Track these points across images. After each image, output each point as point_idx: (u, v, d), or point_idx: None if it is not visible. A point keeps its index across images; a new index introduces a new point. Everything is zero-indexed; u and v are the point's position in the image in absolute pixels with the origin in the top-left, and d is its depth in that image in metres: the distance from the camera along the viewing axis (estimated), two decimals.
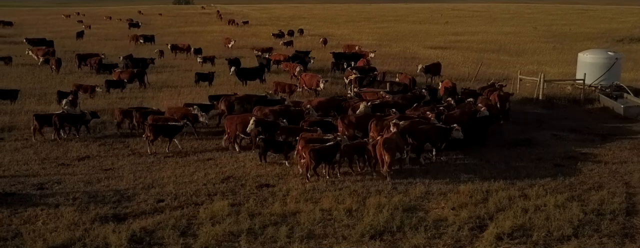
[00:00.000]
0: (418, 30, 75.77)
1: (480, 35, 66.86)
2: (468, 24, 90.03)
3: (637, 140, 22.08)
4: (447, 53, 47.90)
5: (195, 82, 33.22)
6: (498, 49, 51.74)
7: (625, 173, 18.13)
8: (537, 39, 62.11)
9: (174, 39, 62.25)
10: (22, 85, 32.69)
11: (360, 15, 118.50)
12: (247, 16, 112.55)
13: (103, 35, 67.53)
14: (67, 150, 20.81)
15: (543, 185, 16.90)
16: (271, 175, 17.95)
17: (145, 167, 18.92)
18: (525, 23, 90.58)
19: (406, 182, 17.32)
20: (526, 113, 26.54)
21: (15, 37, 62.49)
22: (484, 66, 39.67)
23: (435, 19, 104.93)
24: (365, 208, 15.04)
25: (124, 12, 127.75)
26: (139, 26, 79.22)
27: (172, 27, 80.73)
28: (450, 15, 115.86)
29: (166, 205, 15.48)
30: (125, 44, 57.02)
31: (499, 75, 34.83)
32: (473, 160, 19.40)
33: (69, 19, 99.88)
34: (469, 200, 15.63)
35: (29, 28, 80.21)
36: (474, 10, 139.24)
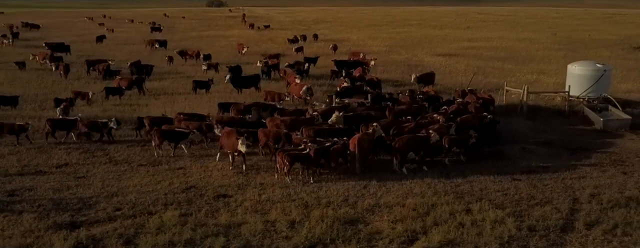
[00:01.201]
0: (435, 35, 76.02)
1: (495, 41, 66.85)
2: (489, 29, 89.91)
3: (605, 154, 22.31)
4: (452, 61, 48.15)
5: (193, 90, 34.11)
6: (506, 57, 51.77)
7: (579, 188, 18.43)
8: (551, 46, 61.93)
9: (191, 43, 63.70)
10: (27, 91, 34.06)
11: (383, 19, 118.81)
12: (271, 20, 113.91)
13: (123, 40, 68.92)
14: (49, 157, 21.80)
15: (491, 200, 17.32)
16: (233, 185, 18.66)
17: (116, 175, 19.78)
18: (546, 29, 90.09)
19: (359, 194, 17.90)
20: (507, 124, 26.78)
21: (40, 41, 64.03)
22: (484, 75, 40.07)
23: (459, 23, 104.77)
24: (308, 220, 15.65)
25: (151, 14, 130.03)
26: (161, 30, 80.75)
27: (193, 31, 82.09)
28: (474, 20, 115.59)
29: (122, 213, 16.28)
30: (141, 48, 58.33)
31: (493, 85, 35.05)
32: (432, 173, 19.84)
33: (92, 21, 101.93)
34: (412, 214, 16.14)
35: (54, 31, 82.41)
36: (500, 14, 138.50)
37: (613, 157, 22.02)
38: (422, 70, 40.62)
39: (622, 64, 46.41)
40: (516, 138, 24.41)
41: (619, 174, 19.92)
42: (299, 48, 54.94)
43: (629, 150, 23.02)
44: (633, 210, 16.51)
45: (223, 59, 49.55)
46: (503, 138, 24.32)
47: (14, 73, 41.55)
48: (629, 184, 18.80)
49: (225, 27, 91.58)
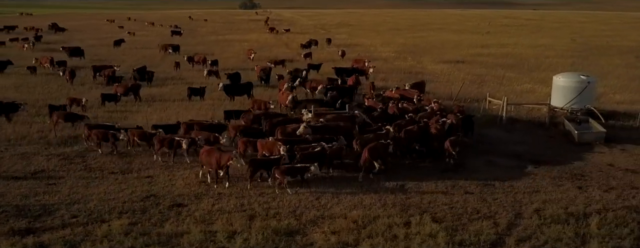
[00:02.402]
0: (451, 40, 76.11)
1: (508, 47, 66.77)
2: (509, 34, 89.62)
3: (568, 168, 22.55)
4: (454, 68, 48.34)
5: (188, 97, 35.02)
6: (512, 64, 51.81)
7: (527, 203, 18.78)
8: (564, 53, 61.67)
9: (206, 47, 64.99)
10: (29, 96, 35.32)
11: (406, 22, 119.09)
12: (295, 23, 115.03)
13: (142, 43, 70.30)
14: (29, 164, 22.81)
15: (434, 213, 17.81)
16: (191, 195, 19.41)
17: (86, 182, 20.67)
18: (568, 34, 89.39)
19: (310, 205, 18.52)
20: (483, 136, 27.14)
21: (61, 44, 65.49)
22: (479, 84, 40.32)
23: (480, 28, 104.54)
24: (249, 231, 16.33)
25: (176, 16, 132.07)
26: (181, 34, 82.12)
27: (213, 35, 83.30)
28: (498, 24, 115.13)
29: (76, 221, 17.14)
30: (155, 53, 59.56)
31: (476, 95, 35.23)
32: (387, 185, 20.33)
33: (114, 24, 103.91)
34: (351, 226, 16.71)
35: (78, 34, 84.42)
36: (526, 18, 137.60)
37: (575, 171, 22.25)
38: (418, 78, 41.18)
39: (627, 73, 46.28)
40: (485, 150, 24.75)
41: (574, 189, 20.19)
42: (307, 54, 55.57)
43: (594, 164, 23.23)
44: (570, 226, 16.85)
45: (232, 64, 50.58)
46: (472, 150, 24.63)
47: (24, 77, 43.01)
48: (578, 199, 19.08)
49: (246, 31, 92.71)
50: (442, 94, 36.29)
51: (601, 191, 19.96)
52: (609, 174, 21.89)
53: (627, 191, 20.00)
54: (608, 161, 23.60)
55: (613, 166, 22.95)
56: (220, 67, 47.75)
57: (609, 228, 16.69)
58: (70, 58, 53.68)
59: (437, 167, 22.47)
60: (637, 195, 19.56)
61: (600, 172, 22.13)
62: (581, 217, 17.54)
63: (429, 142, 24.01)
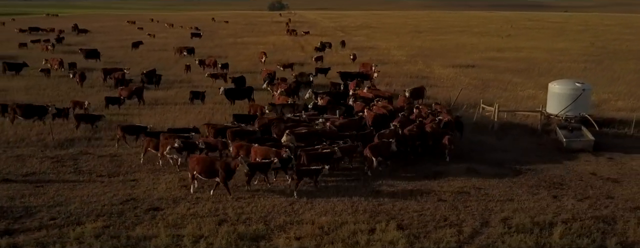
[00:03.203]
0: (468, 43, 76.04)
1: (524, 51, 66.56)
2: (529, 37, 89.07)
3: (548, 176, 22.67)
4: (462, 73, 48.38)
5: (190, 100, 35.69)
6: (523, 69, 51.67)
7: (498, 211, 18.99)
8: (579, 58, 61.26)
9: (223, 50, 65.97)
10: (38, 99, 36.27)
11: (428, 25, 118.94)
12: (316, 25, 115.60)
13: (160, 45, 71.29)
14: (22, 166, 23.58)
15: (402, 220, 18.13)
16: (169, 199, 19.95)
17: (72, 185, 21.36)
18: (590, 37, 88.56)
19: (283, 210, 18.96)
20: (472, 142, 27.32)
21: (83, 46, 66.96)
22: (482, 89, 40.40)
23: (502, 30, 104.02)
24: (216, 236, 16.83)
25: (201, 18, 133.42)
26: (201, 36, 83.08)
27: (231, 38, 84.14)
28: (520, 27, 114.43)
29: (54, 223, 17.77)
30: (171, 55, 60.50)
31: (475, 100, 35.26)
32: (361, 191, 20.67)
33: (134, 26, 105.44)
34: (316, 232, 17.11)
35: (100, 36, 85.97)
36: (551, 21, 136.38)
37: (555, 179, 22.36)
38: (424, 83, 41.49)
39: (637, 80, 45.82)
40: (469, 157, 24.94)
41: (548, 198, 20.34)
42: (318, 57, 56.00)
43: (576, 172, 23.30)
44: (533, 235, 17.05)
45: (244, 67, 51.30)
46: (456, 156, 24.86)
47: (37, 79, 44.10)
48: (549, 209, 19.24)
49: (266, 33, 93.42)
50: (441, 99, 36.48)
51: (575, 200, 20.07)
52: (589, 183, 21.95)
53: (601, 201, 20.08)
54: (591, 170, 23.64)
55: (595, 175, 23.00)
56: (230, 70, 48.49)
57: (571, 238, 16.85)
58: (86, 60, 54.90)
59: (419, 173, 22.74)
60: (610, 205, 19.63)
61: (580, 181, 22.19)
62: (546, 226, 17.71)
63: (425, 140, 25.26)
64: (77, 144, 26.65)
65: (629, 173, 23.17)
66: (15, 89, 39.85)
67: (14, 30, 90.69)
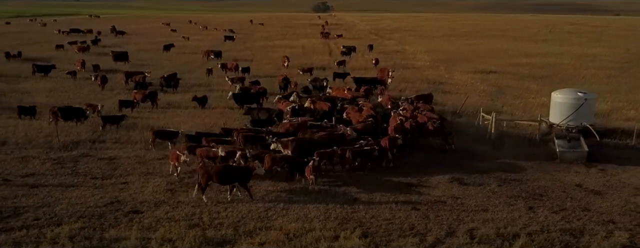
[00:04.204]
0: (498, 48, 75.57)
1: (553, 57, 65.84)
2: (565, 42, 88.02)
3: (531, 187, 22.67)
4: (480, 79, 48.22)
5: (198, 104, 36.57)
6: (545, 76, 51.21)
7: (468, 221, 19.18)
8: (608, 64, 60.34)
9: (251, 53, 66.95)
10: (58, 101, 37.63)
11: (465, 28, 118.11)
12: (352, 28, 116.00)
13: (192, 48, 72.58)
14: (24, 167, 24.69)
15: (369, 228, 18.52)
16: (152, 202, 20.70)
17: (65, 187, 22.28)
18: (627, 43, 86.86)
19: (256, 216, 19.52)
20: (465, 151, 27.45)
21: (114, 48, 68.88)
22: (496, 96, 40.33)
23: (539, 35, 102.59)
24: (183, 240, 17.50)
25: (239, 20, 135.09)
26: (234, 39, 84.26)
27: (263, 41, 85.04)
28: (559, 31, 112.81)
29: (36, 223, 18.67)
30: (198, 58, 61.71)
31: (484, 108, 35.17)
32: (339, 199, 21.09)
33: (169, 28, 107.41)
34: (281, 238, 17.60)
35: (136, 38, 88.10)
36: (592, 25, 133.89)
37: (538, 190, 22.39)
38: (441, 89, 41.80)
39: None
40: (457, 167, 25.08)
41: (524, 209, 20.43)
42: (340, 62, 56.45)
43: (562, 183, 23.28)
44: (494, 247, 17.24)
45: (266, 71, 52.13)
46: (443, 164, 25.12)
47: (63, 81, 45.65)
48: (520, 220, 19.37)
49: (299, 36, 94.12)
50: (450, 106, 36.62)
51: (549, 212, 20.12)
52: (570, 195, 21.94)
53: (576, 213, 20.09)
54: (578, 181, 23.58)
55: (580, 186, 22.95)
56: (252, 74, 49.39)
57: None
58: (115, 62, 56.50)
59: (402, 182, 23.08)
60: (584, 218, 19.65)
61: (562, 193, 22.18)
62: (510, 238, 17.86)
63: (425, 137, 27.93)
64: (81, 146, 27.72)
65: (615, 186, 23.03)
66: (39, 91, 41.40)
67: (54, 31, 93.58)
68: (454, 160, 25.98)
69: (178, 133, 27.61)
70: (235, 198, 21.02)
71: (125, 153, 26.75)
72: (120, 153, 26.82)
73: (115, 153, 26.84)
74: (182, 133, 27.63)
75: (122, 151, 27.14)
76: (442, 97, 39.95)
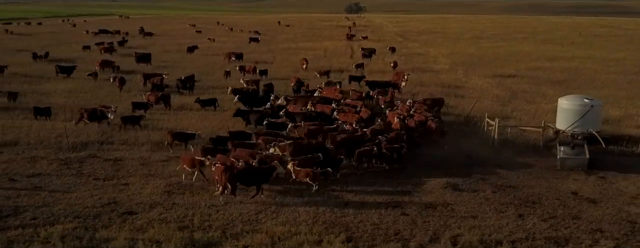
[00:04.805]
0: (522, 51, 75.01)
1: (576, 61, 65.13)
2: (592, 45, 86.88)
3: (525, 194, 22.65)
4: (496, 84, 47.98)
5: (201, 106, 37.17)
6: (564, 80, 50.74)
7: (453, 228, 19.32)
8: (631, 69, 59.51)
9: (272, 56, 67.08)
10: (76, 101, 38.62)
11: (494, 30, 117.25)
12: (378, 30, 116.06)
13: (216, 50, 73.13)
14: (32, 167, 25.45)
15: (354, 233, 18.78)
16: (147, 203, 21.22)
17: (67, 187, 22.96)
18: None
19: (246, 218, 19.91)
20: (467, 157, 27.49)
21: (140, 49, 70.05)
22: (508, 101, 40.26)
23: (568, 37, 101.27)
24: (169, 241, 17.96)
25: (267, 21, 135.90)
26: (258, 41, 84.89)
27: (286, 43, 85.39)
28: (590, 34, 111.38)
29: (33, 223, 19.30)
30: (220, 60, 62.37)
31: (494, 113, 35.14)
32: (330, 203, 21.39)
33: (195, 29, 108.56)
34: (265, 241, 17.95)
35: (163, 39, 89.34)
36: (625, 28, 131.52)
37: (532, 197, 22.39)
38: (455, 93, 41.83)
39: None
40: (455, 172, 25.19)
41: (513, 216, 20.47)
42: (359, 64, 56.66)
43: (557, 191, 23.23)
44: None
45: (285, 73, 52.45)
46: (439, 170, 25.25)
47: (83, 82, 46.65)
48: (506, 227, 19.43)
49: (324, 38, 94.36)
50: (461, 111, 36.62)
51: (539, 220, 20.15)
52: (563, 202, 21.90)
53: (566, 221, 20.09)
54: (574, 189, 23.50)
55: (575, 194, 22.88)
56: (270, 76, 49.89)
57: None
58: (137, 64, 57.49)
59: (397, 187, 23.31)
60: (572, 226, 19.64)
61: (556, 200, 22.15)
62: (493, 245, 17.99)
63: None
64: (90, 147, 28.44)
65: (611, 194, 22.92)
66: (58, 92, 42.40)
67: (83, 32, 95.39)
68: (454, 166, 26.06)
69: (195, 135, 28.19)
70: (228, 201, 21.37)
71: (130, 155, 27.38)
72: (126, 154, 27.45)
73: (121, 154, 27.48)
74: (198, 135, 28.25)
75: (129, 152, 27.78)
76: (455, 101, 39.95)
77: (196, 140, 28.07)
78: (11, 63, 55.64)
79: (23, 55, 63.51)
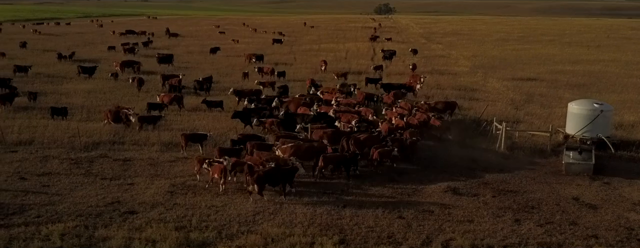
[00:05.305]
0: (545, 54, 74.28)
1: (599, 64, 64.47)
2: (619, 48, 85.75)
3: (525, 199, 22.65)
4: (513, 87, 47.67)
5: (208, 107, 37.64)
6: (584, 84, 50.25)
7: (447, 232, 19.41)
8: None
9: (292, 57, 67.41)
10: (93, 102, 39.40)
11: (521, 32, 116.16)
12: (403, 31, 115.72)
13: (239, 51, 73.57)
14: (43, 166, 26.11)
15: (347, 235, 18.99)
16: (149, 203, 21.67)
17: (74, 186, 23.53)
18: None
19: (243, 220, 20.23)
20: (473, 160, 27.48)
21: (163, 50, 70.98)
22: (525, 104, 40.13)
23: (595, 40, 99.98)
24: (164, 241, 18.35)
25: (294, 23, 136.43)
26: (282, 42, 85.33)
27: (309, 44, 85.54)
28: (619, 37, 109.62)
29: (37, 221, 19.84)
30: (241, 62, 62.89)
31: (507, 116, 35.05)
32: (329, 205, 21.62)
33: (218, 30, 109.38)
34: (259, 242, 18.27)
35: (189, 40, 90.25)
36: None
37: (531, 202, 22.37)
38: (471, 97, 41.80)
39: None
40: (458, 175, 25.28)
41: (510, 221, 20.50)
42: (377, 66, 56.75)
43: (558, 196, 23.16)
44: None
45: (303, 75, 52.74)
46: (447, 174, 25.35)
47: (104, 83, 47.49)
48: (501, 232, 19.48)
49: (347, 40, 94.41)
50: (473, 114, 36.56)
51: (535, 225, 20.14)
52: (563, 208, 21.84)
53: (562, 227, 20.05)
54: (576, 194, 23.40)
55: (576, 200, 22.78)
56: (288, 78, 50.25)
57: None
58: (159, 64, 58.30)
59: (397, 190, 23.48)
60: (567, 232, 19.62)
61: (555, 205, 22.10)
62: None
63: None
64: (101, 147, 29.04)
65: (612, 200, 22.79)
66: (78, 92, 43.23)
67: (109, 32, 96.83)
68: (457, 169, 26.15)
69: (206, 135, 28.68)
70: (227, 202, 21.73)
71: (140, 155, 27.90)
72: (136, 155, 27.98)
73: (131, 154, 28.03)
74: (210, 135, 28.89)
75: (138, 153, 28.31)
76: (469, 104, 39.89)
77: (207, 141, 28.48)
78: (36, 63, 56.97)
79: (49, 56, 64.82)
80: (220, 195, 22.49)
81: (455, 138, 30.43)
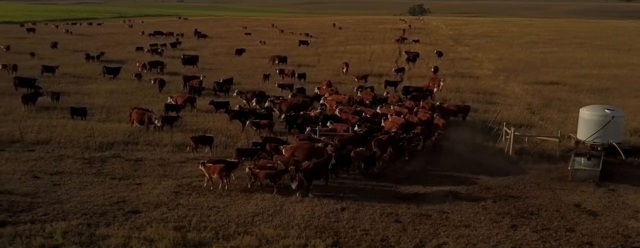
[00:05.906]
0: (572, 57, 73.53)
1: (626, 68, 63.72)
2: None
3: (525, 205, 22.61)
4: (533, 91, 47.32)
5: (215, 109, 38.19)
6: (607, 88, 49.64)
7: (441, 236, 19.56)
8: None
9: (316, 59, 67.83)
10: (114, 102, 40.28)
11: (551, 35, 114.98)
12: (433, 33, 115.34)
13: (265, 53, 73.98)
14: (57, 165, 26.92)
15: (341, 238, 19.28)
16: (153, 203, 22.22)
17: (84, 185, 24.19)
18: None
19: (241, 221, 20.63)
20: (480, 165, 27.50)
21: (190, 51, 71.98)
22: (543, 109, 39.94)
23: (627, 43, 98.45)
24: (161, 241, 18.84)
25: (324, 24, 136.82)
26: (308, 43, 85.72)
27: (335, 46, 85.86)
28: None
29: (43, 218, 20.50)
30: (264, 63, 63.45)
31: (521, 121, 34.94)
32: (328, 208, 21.91)
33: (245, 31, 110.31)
34: (253, 243, 18.65)
35: (216, 41, 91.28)
36: None
37: (531, 208, 22.35)
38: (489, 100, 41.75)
39: None
40: (462, 180, 25.33)
41: (506, 227, 20.54)
42: (399, 69, 56.85)
43: (558, 202, 23.07)
44: None
45: (324, 77, 52.94)
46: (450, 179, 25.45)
47: (127, 83, 48.48)
48: (495, 238, 19.55)
49: (374, 41, 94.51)
50: (488, 118, 36.49)
51: (531, 231, 20.16)
52: (562, 214, 21.79)
53: (558, 233, 20.04)
54: (578, 201, 23.29)
55: (578, 206, 22.68)
56: (308, 80, 50.66)
57: None
58: (184, 66, 59.17)
59: (397, 194, 23.69)
60: (562, 239, 19.61)
61: (555, 212, 22.05)
62: None
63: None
64: (115, 148, 29.76)
65: (614, 207, 22.65)
66: (100, 92, 44.24)
67: (139, 33, 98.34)
68: (462, 174, 26.21)
69: (212, 138, 29.29)
70: (229, 203, 22.18)
71: (152, 156, 28.53)
72: (148, 155, 28.62)
73: (142, 155, 28.67)
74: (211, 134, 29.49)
75: (150, 153, 28.94)
76: (485, 108, 39.87)
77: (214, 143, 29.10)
78: (64, 63, 58.30)
79: (77, 56, 66.21)
80: (224, 196, 22.96)
81: (465, 142, 30.33)
